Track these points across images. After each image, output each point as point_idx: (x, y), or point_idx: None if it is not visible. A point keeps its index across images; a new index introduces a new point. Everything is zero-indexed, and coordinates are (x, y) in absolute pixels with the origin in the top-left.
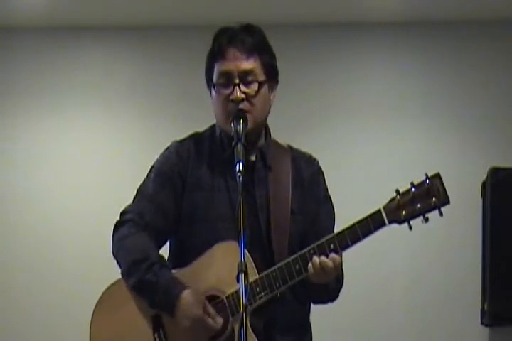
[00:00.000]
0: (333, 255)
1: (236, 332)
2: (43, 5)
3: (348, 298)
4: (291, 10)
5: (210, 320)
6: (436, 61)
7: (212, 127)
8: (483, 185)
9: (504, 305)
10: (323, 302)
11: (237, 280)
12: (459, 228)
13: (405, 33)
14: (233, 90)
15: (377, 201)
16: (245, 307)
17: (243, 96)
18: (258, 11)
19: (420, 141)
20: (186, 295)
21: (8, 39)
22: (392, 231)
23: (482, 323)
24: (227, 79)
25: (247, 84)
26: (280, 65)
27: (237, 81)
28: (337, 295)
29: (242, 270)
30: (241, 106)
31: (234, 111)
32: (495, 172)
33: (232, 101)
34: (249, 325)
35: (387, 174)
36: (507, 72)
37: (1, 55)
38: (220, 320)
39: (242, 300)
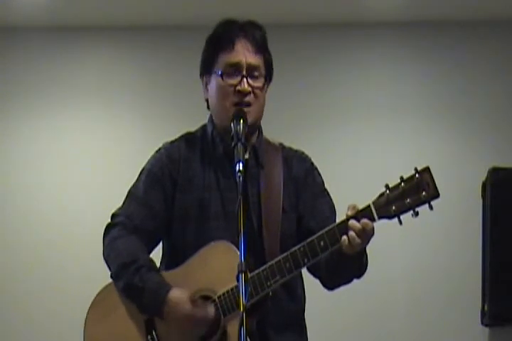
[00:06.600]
0: (364, 220)
1: (229, 333)
2: (43, 5)
3: (348, 298)
4: (291, 10)
5: (199, 311)
6: (437, 61)
7: (203, 126)
8: (483, 185)
9: (504, 305)
10: (350, 278)
11: (237, 280)
12: (459, 228)
13: (405, 32)
14: (241, 81)
15: None
16: (245, 307)
17: (250, 89)
18: (258, 11)
19: (420, 141)
20: (172, 295)
21: (8, 39)
22: (392, 231)
23: (482, 323)
24: (236, 70)
25: (253, 78)
26: (280, 65)
27: (245, 73)
28: (365, 270)
29: (242, 270)
30: (247, 98)
31: (239, 103)
32: (495, 172)
33: (239, 92)
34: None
35: (387, 174)
36: (507, 72)
37: (1, 55)
38: (211, 309)
39: (242, 299)
